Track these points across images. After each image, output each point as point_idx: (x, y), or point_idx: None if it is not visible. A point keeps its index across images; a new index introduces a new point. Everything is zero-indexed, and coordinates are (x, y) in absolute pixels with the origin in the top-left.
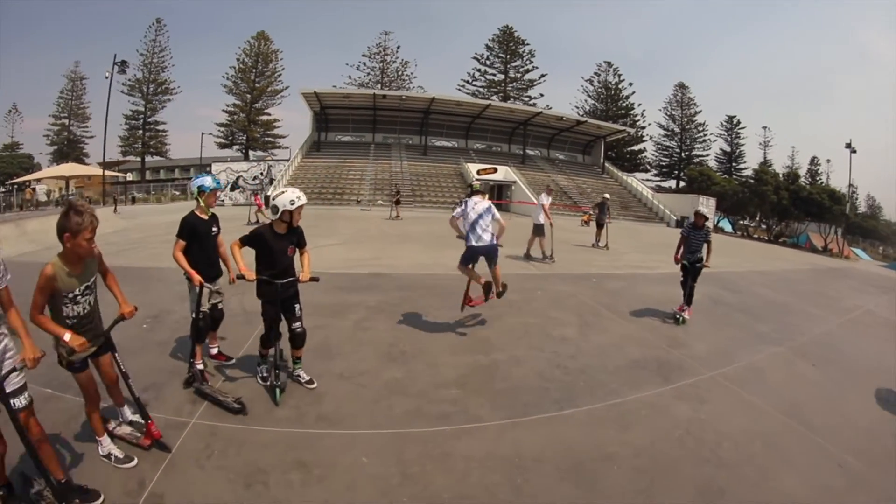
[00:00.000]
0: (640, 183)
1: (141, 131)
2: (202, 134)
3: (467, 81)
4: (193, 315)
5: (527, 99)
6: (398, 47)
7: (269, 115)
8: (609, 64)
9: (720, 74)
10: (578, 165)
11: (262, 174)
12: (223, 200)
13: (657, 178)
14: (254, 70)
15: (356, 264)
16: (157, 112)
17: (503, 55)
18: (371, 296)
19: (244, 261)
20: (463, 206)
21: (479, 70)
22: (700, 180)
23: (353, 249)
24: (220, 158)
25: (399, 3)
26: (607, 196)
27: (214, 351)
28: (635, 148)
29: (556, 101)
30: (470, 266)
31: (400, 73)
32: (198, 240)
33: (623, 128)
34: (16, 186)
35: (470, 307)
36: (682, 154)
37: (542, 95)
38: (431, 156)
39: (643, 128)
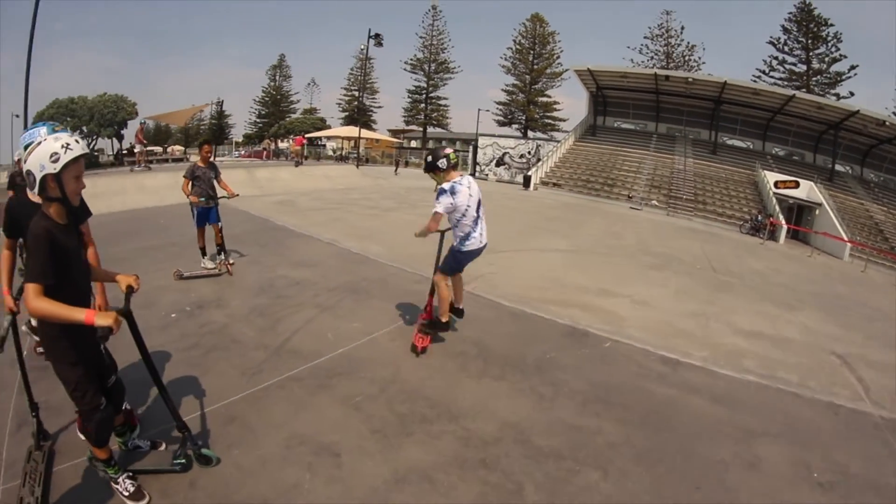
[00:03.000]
0: None
1: (423, 105)
2: (478, 110)
3: (763, 72)
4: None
5: (833, 98)
6: (682, 28)
7: (549, 97)
8: None
9: None
10: None
11: (529, 153)
12: (486, 174)
13: None
14: (531, 52)
15: (554, 299)
16: (439, 88)
17: (803, 39)
18: (513, 392)
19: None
20: (452, 192)
21: (775, 58)
22: None
23: (572, 265)
24: (493, 134)
25: None
26: None
27: None
28: None
29: (869, 104)
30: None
31: (686, 57)
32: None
33: None
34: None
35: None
36: None
37: (851, 94)
38: (721, 156)
39: None
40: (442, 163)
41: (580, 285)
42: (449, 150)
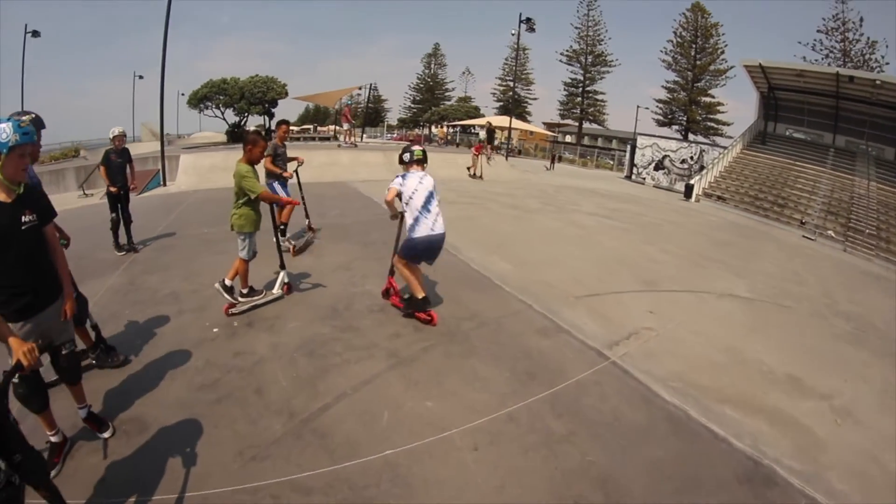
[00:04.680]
0: None
1: (579, 98)
2: (637, 107)
3: None
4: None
5: None
6: (861, 20)
7: (713, 97)
8: None
9: None
10: None
11: (691, 158)
12: (644, 178)
13: None
14: (693, 45)
15: (732, 393)
16: (596, 82)
17: None
18: None
19: None
20: (403, 177)
21: None
22: None
23: (753, 325)
24: (653, 134)
25: None
26: None
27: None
28: None
29: None
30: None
31: (865, 56)
32: None
33: None
34: (458, 128)
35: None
36: None
37: None
38: None
39: None
40: (406, 156)
41: (764, 365)
42: (416, 147)
